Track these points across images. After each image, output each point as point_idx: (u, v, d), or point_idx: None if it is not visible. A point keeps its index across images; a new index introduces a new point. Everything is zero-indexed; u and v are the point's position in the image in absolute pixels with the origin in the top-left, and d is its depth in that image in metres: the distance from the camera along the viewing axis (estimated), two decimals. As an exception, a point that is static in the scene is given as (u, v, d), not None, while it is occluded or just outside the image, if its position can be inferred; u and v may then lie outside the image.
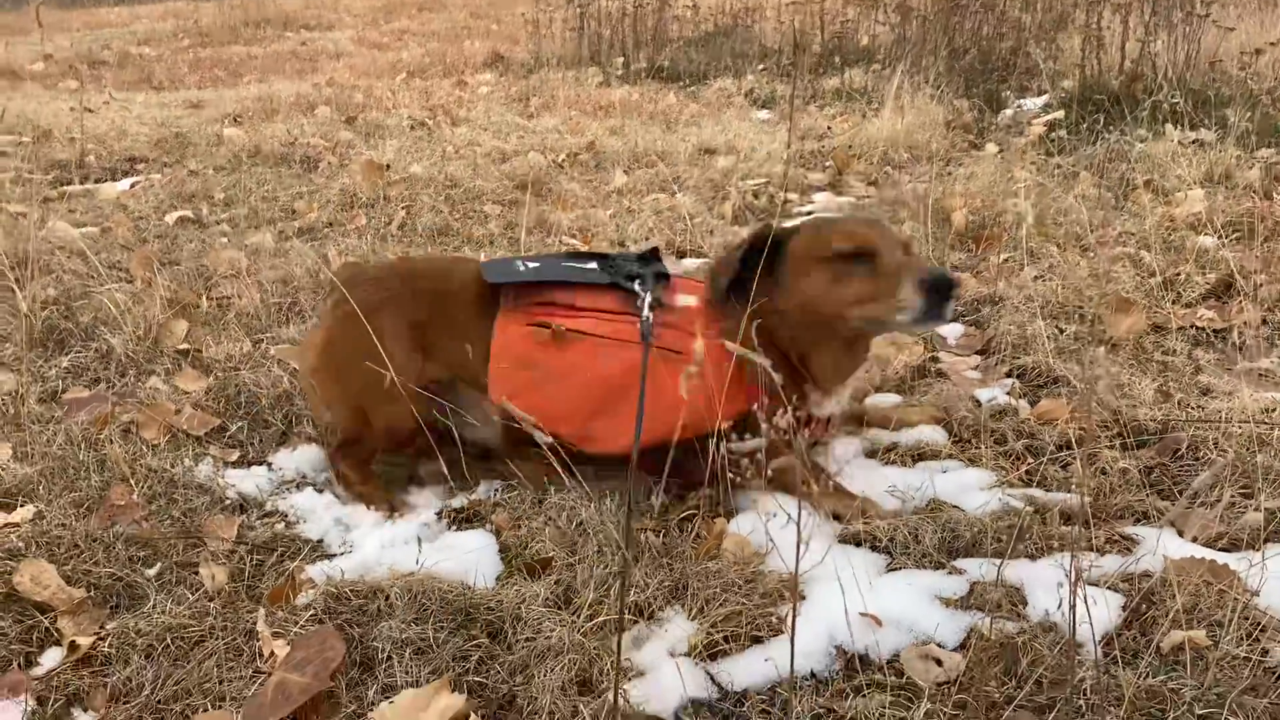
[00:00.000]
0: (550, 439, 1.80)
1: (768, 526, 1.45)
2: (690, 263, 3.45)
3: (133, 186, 4.90)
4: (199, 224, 4.18)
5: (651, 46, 8.59)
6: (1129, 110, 5.03)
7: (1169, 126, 4.77)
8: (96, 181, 5.03)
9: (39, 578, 1.77)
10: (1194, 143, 4.44)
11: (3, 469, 2.17)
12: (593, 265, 2.19)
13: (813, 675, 1.56)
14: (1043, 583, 1.69)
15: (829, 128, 5.65)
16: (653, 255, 2.23)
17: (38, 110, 6.65)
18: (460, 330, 2.14)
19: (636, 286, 2.10)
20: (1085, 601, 1.30)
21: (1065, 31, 7.09)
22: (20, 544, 1.90)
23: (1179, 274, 3.06)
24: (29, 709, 1.54)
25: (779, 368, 1.41)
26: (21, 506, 2.03)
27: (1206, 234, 3.36)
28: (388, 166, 4.78)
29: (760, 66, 7.76)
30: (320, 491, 2.19)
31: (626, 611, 1.69)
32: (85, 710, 1.56)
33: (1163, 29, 5.63)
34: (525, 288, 2.14)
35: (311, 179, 4.85)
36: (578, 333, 2.06)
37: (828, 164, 5.02)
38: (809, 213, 4.22)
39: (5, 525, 1.97)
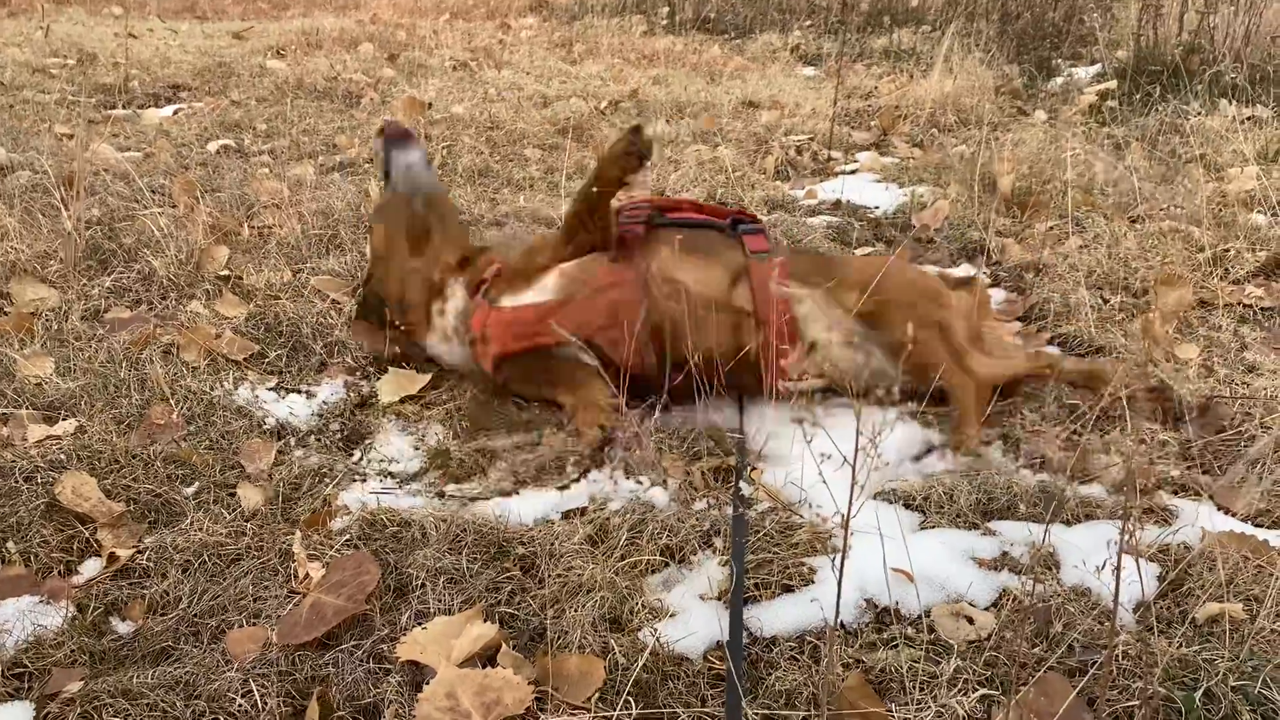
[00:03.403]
0: None
1: (820, 468, 1.45)
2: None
3: (175, 113, 4.91)
4: (240, 153, 4.18)
5: (697, -2, 8.48)
6: (1185, 83, 4.92)
7: (1224, 102, 4.67)
8: (140, 107, 5.04)
9: (80, 490, 1.79)
10: (1249, 119, 4.35)
11: (46, 383, 2.20)
12: None
13: (842, 626, 1.56)
14: (1077, 548, 1.68)
15: (875, 87, 5.56)
16: None
17: (83, 34, 6.66)
18: None
19: None
20: (1126, 567, 1.29)
21: (1121, 0, 6.93)
22: (62, 456, 1.93)
23: (1228, 250, 3.00)
24: (69, 615, 1.57)
25: None
26: (64, 420, 2.06)
27: (1259, 211, 3.30)
28: (429, 105, 4.75)
29: (807, 22, 7.65)
30: (356, 421, 2.20)
31: (656, 554, 1.70)
32: (123, 620, 1.59)
33: (1224, 1, 5.49)
34: None
35: (353, 114, 4.84)
36: None
37: (873, 123, 4.95)
38: (853, 171, 4.18)
39: (48, 438, 2.00)
